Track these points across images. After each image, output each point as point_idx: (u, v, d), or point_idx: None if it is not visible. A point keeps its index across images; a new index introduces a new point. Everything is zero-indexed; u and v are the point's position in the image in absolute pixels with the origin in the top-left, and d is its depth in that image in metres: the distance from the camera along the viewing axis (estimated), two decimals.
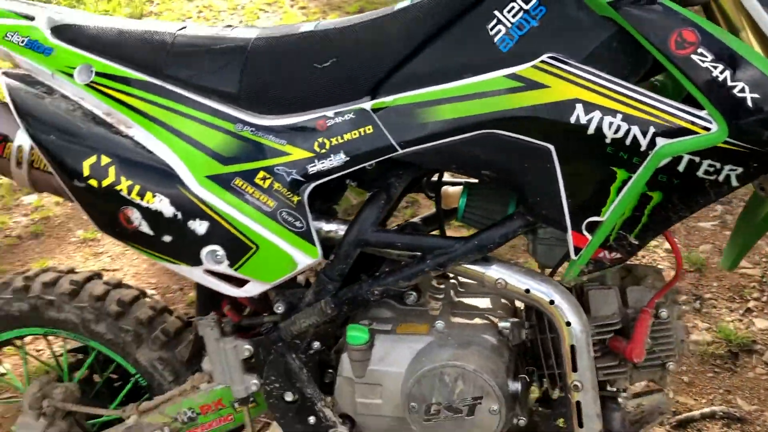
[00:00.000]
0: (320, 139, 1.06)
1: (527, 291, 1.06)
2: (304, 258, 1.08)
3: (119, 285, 1.40)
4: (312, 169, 1.06)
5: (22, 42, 1.15)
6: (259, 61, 1.10)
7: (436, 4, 1.04)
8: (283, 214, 1.07)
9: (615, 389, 1.17)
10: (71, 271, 1.40)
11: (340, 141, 1.06)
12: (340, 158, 1.06)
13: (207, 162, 1.08)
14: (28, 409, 1.33)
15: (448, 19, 1.02)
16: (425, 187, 1.28)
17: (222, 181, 1.08)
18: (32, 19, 1.17)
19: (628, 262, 1.10)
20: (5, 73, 1.16)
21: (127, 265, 2.56)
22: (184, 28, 1.15)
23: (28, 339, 1.50)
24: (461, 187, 1.20)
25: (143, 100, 1.10)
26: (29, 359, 1.51)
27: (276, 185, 1.07)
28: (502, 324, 1.13)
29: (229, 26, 1.18)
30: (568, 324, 1.05)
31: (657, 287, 1.12)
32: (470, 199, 1.16)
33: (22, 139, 1.14)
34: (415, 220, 1.32)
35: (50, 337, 1.44)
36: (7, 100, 1.11)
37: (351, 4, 5.19)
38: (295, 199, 1.07)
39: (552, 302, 1.05)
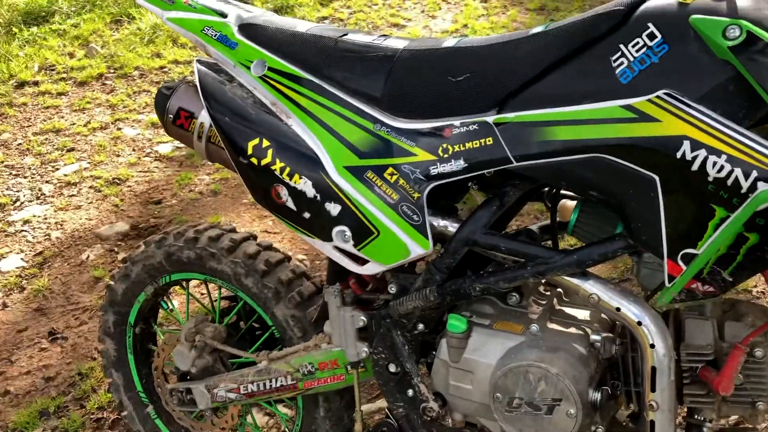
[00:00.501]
0: (444, 145, 1.19)
1: (618, 309, 1.12)
2: (416, 248, 1.22)
3: (269, 248, 1.62)
4: (433, 170, 1.20)
5: (215, 36, 1.38)
6: (403, 70, 1.24)
7: (567, 33, 1.12)
8: (404, 207, 1.22)
9: (701, 418, 1.20)
10: (232, 230, 1.65)
11: (462, 149, 1.18)
12: (459, 164, 1.18)
13: (346, 154, 1.25)
14: (184, 340, 1.59)
15: (575, 48, 1.10)
16: (545, 197, 1.36)
17: (356, 172, 1.24)
18: (225, 16, 1.40)
19: (734, 297, 1.12)
20: (198, 61, 1.40)
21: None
22: (346, 35, 1.32)
23: (193, 283, 1.77)
24: (576, 201, 1.28)
25: (303, 95, 1.29)
26: (192, 300, 1.79)
27: (401, 181, 1.22)
28: (594, 336, 1.20)
29: (384, 36, 1.33)
30: (652, 346, 1.10)
31: (756, 325, 1.13)
32: (581, 215, 1.24)
33: (204, 117, 1.37)
34: (533, 227, 1.40)
35: (210, 285, 1.70)
36: (197, 83, 1.35)
37: (532, 0, 5.20)
38: (416, 195, 1.21)
39: (640, 323, 1.11)
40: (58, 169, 3.51)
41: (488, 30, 4.91)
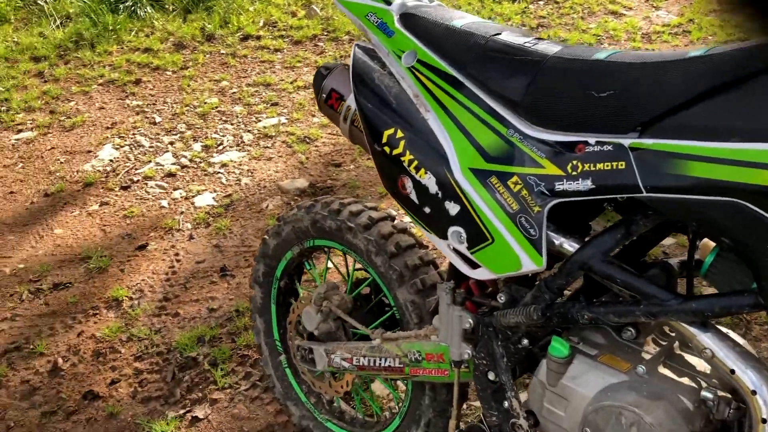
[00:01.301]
0: (574, 162, 1.13)
1: (732, 371, 1.01)
2: (529, 263, 1.19)
3: (403, 230, 1.66)
4: (559, 186, 1.15)
5: (376, 22, 1.42)
6: (547, 78, 1.19)
7: (728, 61, 1.01)
8: (522, 219, 1.18)
9: None
10: (373, 208, 1.71)
11: (592, 168, 1.11)
12: (586, 184, 1.12)
13: (474, 155, 1.24)
14: (313, 303, 1.69)
15: (735, 79, 0.99)
16: (688, 231, 1.25)
17: (480, 175, 1.23)
18: (389, 3, 1.44)
19: None
20: (358, 45, 1.46)
21: None
22: (499, 34, 1.30)
23: (334, 251, 1.87)
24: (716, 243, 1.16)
25: (444, 91, 1.29)
26: (332, 267, 1.90)
27: (524, 192, 1.18)
28: (706, 393, 1.09)
29: (538, 39, 1.28)
30: (764, 421, 0.98)
31: None
32: (717, 259, 1.12)
33: (351, 101, 1.43)
34: (672, 261, 1.30)
35: (348, 256, 1.79)
36: (350, 65, 1.41)
37: None
38: (536, 209, 1.17)
39: (755, 392, 0.99)
40: (260, 120, 3.83)
41: (716, 28, 4.46)
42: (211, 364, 2.25)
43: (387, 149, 1.33)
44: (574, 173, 1.13)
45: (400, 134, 1.31)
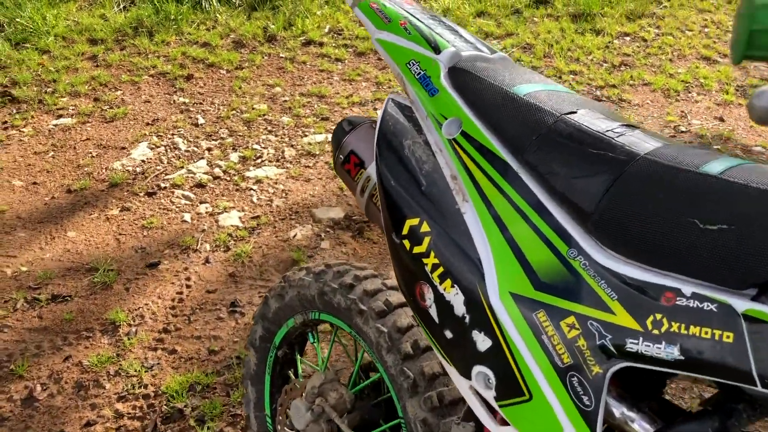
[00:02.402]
0: (658, 315, 0.80)
1: None
2: None
3: (425, 350, 1.35)
4: (631, 346, 0.81)
5: (418, 74, 1.11)
6: (633, 186, 0.86)
7: None
8: (574, 380, 0.85)
9: None
10: (393, 288, 1.40)
11: (682, 331, 0.78)
12: (670, 352, 0.78)
13: (519, 276, 0.91)
14: (304, 396, 1.40)
15: None
16: None
17: (524, 306, 0.90)
18: (438, 51, 1.12)
19: None
20: (392, 99, 1.15)
21: None
22: (575, 112, 0.97)
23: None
24: None
25: (490, 179, 0.97)
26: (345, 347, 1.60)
27: (581, 341, 0.85)
28: None
29: (627, 126, 0.95)
30: None
31: None
32: None
33: (372, 171, 1.12)
34: None
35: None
36: (377, 124, 1.10)
37: None
38: (595, 369, 0.84)
39: None
40: (306, 135, 3.56)
41: None
42: (197, 420, 1.98)
43: (407, 244, 1.01)
44: (656, 332, 0.80)
45: (425, 227, 1.00)
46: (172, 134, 3.55)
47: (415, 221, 1.00)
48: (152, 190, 3.07)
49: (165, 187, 3.09)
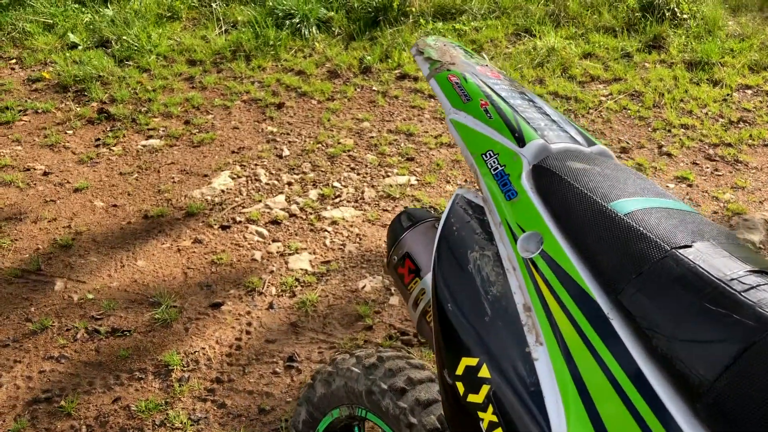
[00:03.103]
0: None
1: None
2: None
3: None
4: None
5: (495, 170, 0.93)
6: (764, 367, 0.64)
7: None
8: None
9: None
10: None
11: None
12: None
13: None
14: None
15: None
16: None
17: None
18: (523, 144, 0.93)
19: None
20: (461, 195, 0.96)
21: None
22: (690, 246, 0.75)
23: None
24: None
25: (573, 321, 0.77)
26: None
27: None
28: None
29: (764, 273, 0.72)
30: None
31: None
32: None
33: (428, 283, 0.94)
34: None
35: None
36: (439, 228, 0.92)
37: None
38: None
39: None
40: (389, 176, 3.42)
41: None
42: None
43: (460, 387, 0.82)
44: None
45: (485, 372, 0.80)
46: (255, 164, 3.49)
47: (473, 362, 0.81)
48: (227, 223, 3.00)
49: (240, 221, 3.02)
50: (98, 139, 3.74)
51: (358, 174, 3.43)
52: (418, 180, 3.37)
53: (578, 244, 0.80)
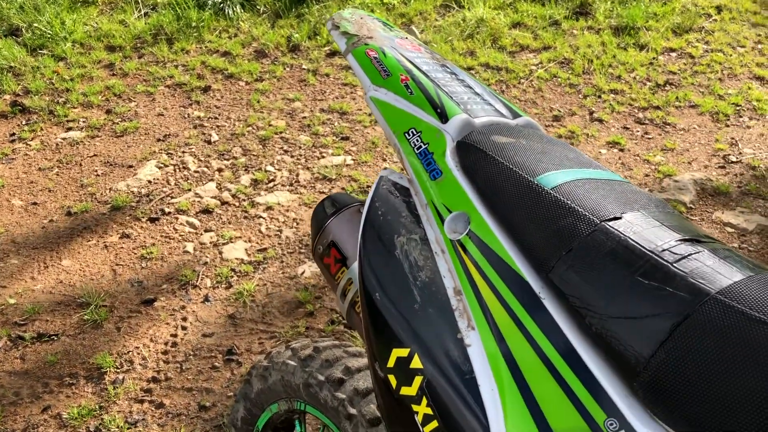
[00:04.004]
0: None
1: None
2: None
3: None
4: None
5: (418, 148, 0.88)
6: (701, 339, 0.62)
7: None
8: None
9: None
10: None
11: None
12: None
13: None
14: None
15: None
16: None
17: None
18: (447, 118, 0.88)
19: None
20: (386, 177, 0.91)
21: None
22: (618, 219, 0.72)
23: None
24: None
25: (504, 303, 0.73)
26: None
27: None
28: None
29: (695, 241, 0.70)
30: None
31: None
32: None
33: (355, 273, 0.89)
34: None
35: None
36: (363, 214, 0.87)
37: None
38: None
39: None
40: (323, 156, 3.34)
41: None
42: None
43: (392, 380, 0.78)
44: None
45: (417, 362, 0.76)
46: (183, 152, 3.36)
47: (404, 352, 0.77)
48: (155, 215, 2.88)
49: (169, 212, 2.90)
50: (13, 134, 3.54)
51: (292, 156, 3.35)
52: (353, 159, 3.31)
53: (506, 223, 0.76)
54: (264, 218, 2.88)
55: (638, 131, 3.66)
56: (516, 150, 0.83)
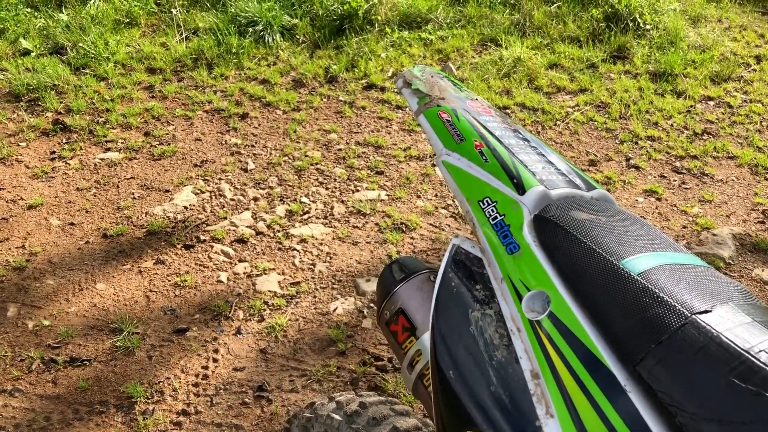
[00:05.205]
0: None
1: None
2: None
3: None
4: None
5: (494, 219, 0.86)
6: None
7: None
8: None
9: None
10: None
11: None
12: None
13: None
14: None
15: None
16: None
17: None
18: (523, 191, 0.87)
19: None
20: (458, 246, 0.90)
21: None
22: (709, 312, 0.70)
23: None
24: None
25: (585, 392, 0.71)
26: None
27: None
28: None
29: None
30: None
31: None
32: None
33: (425, 344, 0.87)
34: None
35: None
36: (436, 284, 0.86)
37: None
38: None
39: None
40: (358, 190, 3.34)
41: None
42: None
43: None
44: None
45: None
46: (219, 179, 3.38)
47: None
48: (191, 242, 2.89)
49: (204, 240, 2.91)
50: (53, 152, 3.59)
51: (327, 188, 3.35)
52: (388, 195, 3.31)
53: (589, 307, 0.75)
54: (298, 251, 2.87)
55: (675, 180, 3.62)
56: (597, 228, 0.81)
